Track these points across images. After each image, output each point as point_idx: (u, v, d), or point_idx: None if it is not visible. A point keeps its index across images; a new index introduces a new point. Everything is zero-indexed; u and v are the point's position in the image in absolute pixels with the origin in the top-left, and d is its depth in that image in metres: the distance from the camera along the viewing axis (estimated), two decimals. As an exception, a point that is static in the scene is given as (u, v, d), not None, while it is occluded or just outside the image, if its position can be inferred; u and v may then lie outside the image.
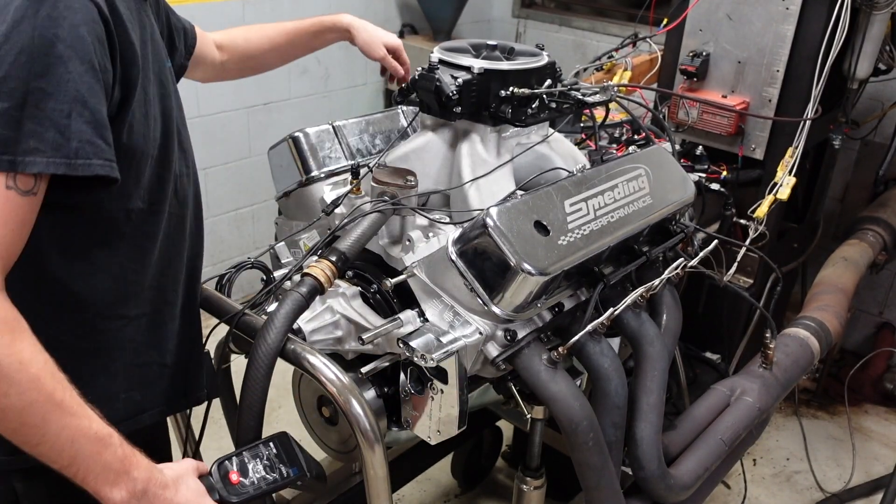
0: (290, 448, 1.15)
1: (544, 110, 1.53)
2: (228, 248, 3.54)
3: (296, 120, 3.52)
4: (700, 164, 2.12)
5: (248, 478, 1.10)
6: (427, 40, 3.81)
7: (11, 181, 0.90)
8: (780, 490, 2.72)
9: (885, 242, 2.57)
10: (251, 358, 1.18)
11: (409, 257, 1.39)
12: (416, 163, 1.50)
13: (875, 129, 3.01)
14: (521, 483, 1.79)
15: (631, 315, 1.49)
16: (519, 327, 1.35)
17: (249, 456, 1.13)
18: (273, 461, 1.13)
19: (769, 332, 1.73)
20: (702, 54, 2.21)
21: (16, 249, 0.94)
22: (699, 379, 2.30)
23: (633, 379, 1.51)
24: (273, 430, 1.18)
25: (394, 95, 1.58)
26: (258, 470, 1.12)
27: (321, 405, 1.51)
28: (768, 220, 2.07)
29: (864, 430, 3.04)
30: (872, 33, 2.17)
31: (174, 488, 0.99)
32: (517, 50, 1.58)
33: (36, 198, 0.93)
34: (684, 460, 1.58)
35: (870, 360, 3.13)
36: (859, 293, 2.72)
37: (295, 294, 1.21)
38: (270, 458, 1.13)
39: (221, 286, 1.39)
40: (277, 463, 1.13)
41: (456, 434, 1.30)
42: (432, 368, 1.25)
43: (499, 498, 2.65)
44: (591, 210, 1.38)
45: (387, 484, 1.26)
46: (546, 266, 1.25)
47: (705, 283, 2.28)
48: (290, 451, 1.15)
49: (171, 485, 0.99)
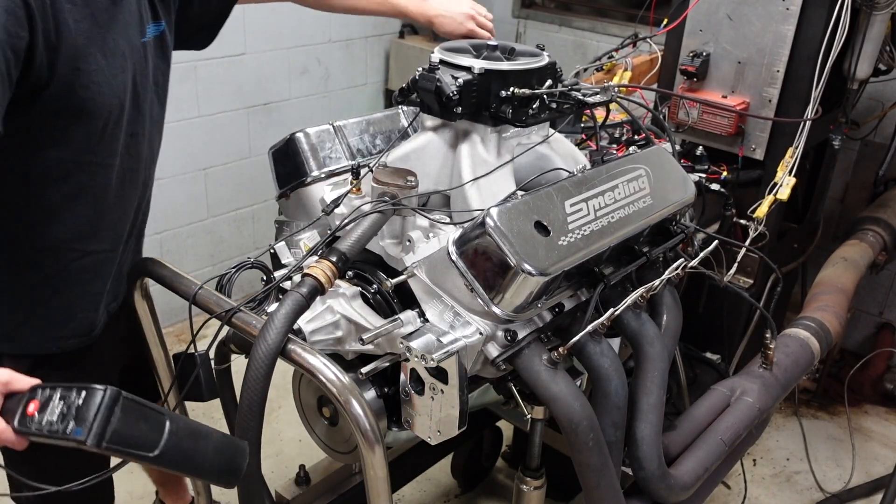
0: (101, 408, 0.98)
1: (545, 111, 1.53)
2: (228, 248, 3.54)
3: (296, 120, 3.52)
4: (700, 165, 2.12)
5: (42, 414, 0.99)
6: (427, 40, 3.81)
7: None
8: (780, 490, 2.72)
9: (885, 243, 2.57)
10: (251, 358, 1.18)
11: (409, 258, 1.39)
12: (416, 163, 1.50)
13: (875, 130, 3.01)
14: (521, 483, 1.79)
15: (631, 315, 1.49)
16: (519, 328, 1.35)
17: (61, 394, 1.00)
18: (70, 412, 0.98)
19: (769, 332, 1.73)
20: (702, 54, 2.21)
21: None
22: (699, 379, 2.30)
23: (633, 379, 1.51)
24: (273, 431, 1.18)
25: (394, 95, 1.58)
26: (54, 412, 0.99)
27: (321, 405, 1.51)
28: (768, 221, 2.07)
29: (864, 430, 3.04)
30: (872, 33, 2.17)
31: None
32: (518, 50, 1.59)
33: None
34: (684, 460, 1.58)
35: (870, 360, 3.13)
36: (859, 293, 2.72)
37: (295, 294, 1.21)
38: (72, 407, 0.99)
39: (221, 286, 1.39)
40: (72, 415, 0.98)
41: (456, 434, 1.30)
42: (432, 369, 1.25)
43: (499, 498, 2.65)
44: (592, 210, 1.38)
45: (387, 484, 1.26)
46: (546, 266, 1.25)
47: (705, 283, 2.28)
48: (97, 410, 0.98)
49: None
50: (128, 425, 0.99)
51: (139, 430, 1.00)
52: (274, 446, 2.76)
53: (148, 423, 1.02)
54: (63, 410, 0.98)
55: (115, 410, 0.98)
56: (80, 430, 0.96)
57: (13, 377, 1.02)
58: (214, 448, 1.07)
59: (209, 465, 1.07)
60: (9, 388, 1.01)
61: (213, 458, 1.07)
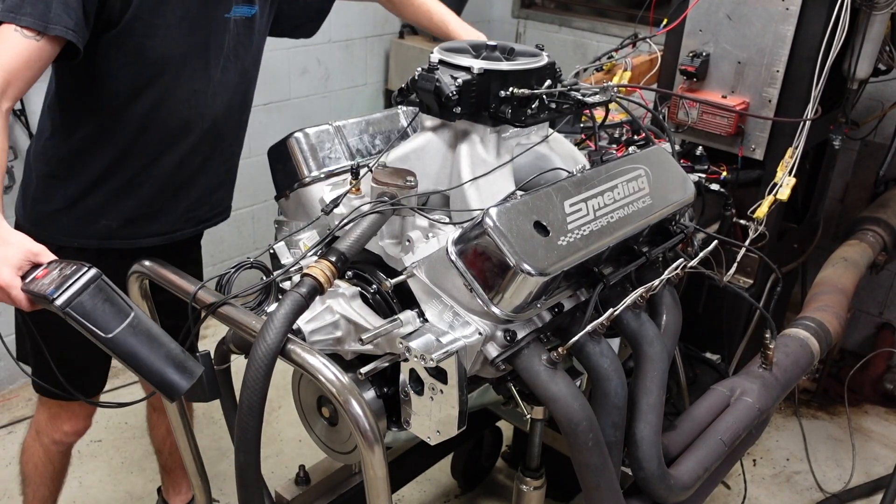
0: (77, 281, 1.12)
1: (544, 111, 1.53)
2: (228, 248, 3.54)
3: (296, 120, 3.52)
4: (700, 165, 2.12)
5: (42, 280, 1.15)
6: (427, 41, 3.81)
7: (17, 28, 1.38)
8: (780, 490, 2.72)
9: (885, 243, 2.57)
10: (251, 358, 1.18)
11: (408, 258, 1.39)
12: (415, 163, 1.50)
13: (875, 130, 3.01)
14: (521, 483, 1.79)
15: (631, 315, 1.49)
16: (519, 328, 1.35)
17: (61, 267, 1.16)
18: (58, 280, 1.13)
19: (769, 332, 1.73)
20: (702, 54, 2.21)
21: (21, 81, 1.39)
22: (699, 379, 2.30)
23: (632, 379, 1.51)
24: (273, 431, 1.18)
25: (394, 96, 1.58)
26: (50, 279, 1.14)
27: (321, 405, 1.51)
28: (768, 221, 2.07)
29: (864, 430, 3.04)
30: (872, 33, 2.17)
31: None
32: (517, 50, 1.58)
33: (39, 45, 1.39)
34: (684, 461, 1.58)
35: (870, 360, 3.13)
36: (859, 293, 2.72)
37: (295, 294, 1.21)
38: (61, 276, 1.14)
39: (221, 286, 1.39)
40: (57, 282, 1.13)
41: (456, 434, 1.30)
42: (432, 369, 1.25)
43: (499, 498, 2.65)
44: (591, 210, 1.38)
45: (387, 484, 1.26)
46: (546, 266, 1.25)
47: (705, 283, 2.28)
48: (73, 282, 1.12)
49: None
50: (95, 304, 1.12)
51: (103, 312, 1.13)
52: (274, 446, 2.76)
53: (113, 309, 1.14)
54: (55, 277, 1.14)
55: (89, 287, 1.12)
56: (53, 290, 1.12)
57: (42, 251, 1.22)
58: (166, 357, 1.17)
59: (154, 370, 1.16)
60: (36, 258, 1.21)
61: (160, 365, 1.16)
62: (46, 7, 1.39)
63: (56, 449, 1.99)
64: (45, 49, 1.41)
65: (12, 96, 1.39)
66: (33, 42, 1.39)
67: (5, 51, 1.38)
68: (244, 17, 1.70)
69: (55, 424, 1.95)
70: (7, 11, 1.40)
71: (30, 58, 1.40)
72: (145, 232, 1.76)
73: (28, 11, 1.39)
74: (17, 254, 1.21)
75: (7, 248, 1.21)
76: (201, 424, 2.76)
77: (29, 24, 1.38)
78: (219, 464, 2.64)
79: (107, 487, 2.61)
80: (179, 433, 1.81)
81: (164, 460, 2.32)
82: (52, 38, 1.41)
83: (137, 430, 2.81)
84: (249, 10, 1.71)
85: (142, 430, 2.32)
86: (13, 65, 1.37)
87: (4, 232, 1.23)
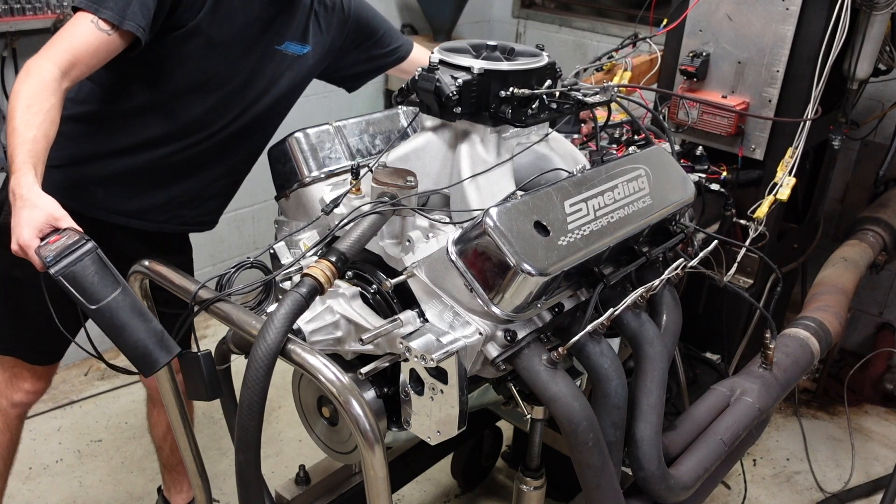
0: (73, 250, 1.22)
1: (544, 111, 1.53)
2: (228, 248, 3.54)
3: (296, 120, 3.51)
4: (700, 165, 2.12)
5: (52, 246, 1.24)
6: (427, 41, 3.81)
7: (94, 20, 1.47)
8: (780, 490, 2.72)
9: (885, 243, 2.57)
10: (251, 358, 1.18)
11: (409, 258, 1.39)
12: (415, 163, 1.50)
13: (875, 130, 3.02)
14: (521, 483, 1.79)
15: (631, 315, 1.49)
16: (519, 328, 1.35)
17: (68, 236, 1.25)
18: (60, 248, 1.23)
19: (769, 332, 1.73)
20: (702, 54, 2.21)
21: (83, 66, 1.47)
22: (699, 379, 2.30)
23: (632, 379, 1.51)
24: (273, 431, 1.19)
25: (394, 96, 1.58)
26: (57, 245, 1.23)
27: (321, 405, 1.51)
28: (768, 221, 2.07)
29: (864, 430, 3.04)
30: (872, 33, 2.17)
31: (22, 205, 1.29)
32: (517, 50, 1.58)
33: (109, 39, 1.48)
34: (684, 461, 1.58)
35: (870, 360, 3.13)
36: (859, 294, 2.72)
37: (295, 294, 1.21)
38: (63, 245, 1.23)
39: (221, 286, 1.39)
40: (57, 250, 1.22)
41: (456, 434, 1.30)
42: (432, 369, 1.25)
43: (499, 498, 2.65)
44: (591, 210, 1.38)
45: (387, 484, 1.26)
46: (546, 266, 1.25)
47: (705, 283, 2.28)
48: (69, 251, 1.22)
49: (23, 202, 1.29)
50: (86, 274, 1.21)
51: (92, 283, 1.21)
52: (274, 446, 2.76)
53: (103, 282, 1.22)
54: (59, 246, 1.23)
55: (83, 258, 1.21)
56: (50, 258, 1.22)
57: (64, 217, 1.30)
58: (146, 332, 1.23)
59: (132, 343, 1.22)
60: (57, 223, 1.29)
61: (138, 340, 1.23)
62: (126, 4, 1.48)
63: (14, 413, 1.99)
64: (114, 42, 1.50)
65: (74, 77, 1.47)
66: (105, 34, 1.48)
67: (78, 36, 1.47)
68: (294, 55, 1.78)
69: (15, 384, 1.95)
70: (90, 1, 1.48)
71: (98, 48, 1.48)
72: (129, 210, 1.78)
73: (110, 5, 1.48)
74: (41, 217, 1.28)
75: (34, 211, 1.29)
76: (201, 424, 2.76)
77: (107, 17, 1.47)
78: (219, 463, 2.64)
79: (107, 487, 2.61)
80: (179, 432, 1.81)
81: (165, 457, 2.32)
82: (123, 33, 1.49)
83: (137, 429, 2.82)
84: (301, 48, 1.79)
85: (142, 430, 2.32)
86: (81, 50, 1.46)
87: (35, 196, 1.30)
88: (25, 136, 1.36)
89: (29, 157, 1.35)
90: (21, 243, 1.27)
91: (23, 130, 1.36)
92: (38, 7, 2.57)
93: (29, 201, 1.30)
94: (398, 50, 2.05)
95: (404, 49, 2.06)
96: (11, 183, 1.33)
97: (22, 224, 1.28)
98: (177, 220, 1.85)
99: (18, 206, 1.30)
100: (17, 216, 1.30)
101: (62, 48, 1.46)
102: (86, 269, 1.22)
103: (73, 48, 1.46)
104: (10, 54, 2.61)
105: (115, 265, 1.26)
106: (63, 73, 1.44)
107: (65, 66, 1.44)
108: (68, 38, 1.47)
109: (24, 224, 1.28)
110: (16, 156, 1.35)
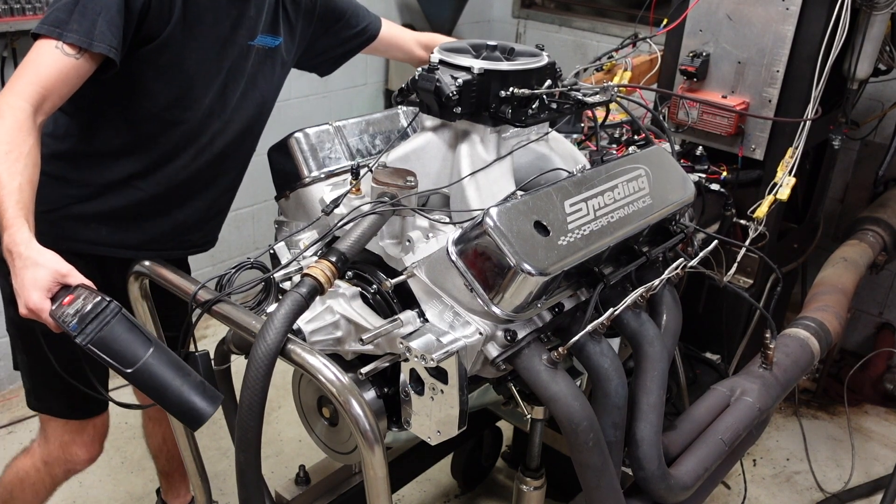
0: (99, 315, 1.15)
1: (544, 111, 1.53)
2: (228, 248, 3.54)
3: (296, 120, 3.51)
4: (700, 165, 2.12)
5: (68, 307, 1.18)
6: (427, 40, 3.81)
7: (59, 45, 1.37)
8: (780, 490, 2.72)
9: (884, 243, 2.57)
10: (251, 358, 1.18)
11: (409, 258, 1.39)
12: (415, 163, 1.50)
13: (875, 130, 3.01)
14: (521, 483, 1.79)
15: (631, 315, 1.49)
16: (519, 327, 1.35)
17: (84, 296, 1.18)
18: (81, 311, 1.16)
19: (769, 332, 1.73)
20: (702, 54, 2.21)
21: (56, 97, 1.38)
22: (699, 379, 2.30)
23: (633, 379, 1.51)
24: (273, 431, 1.18)
25: (394, 96, 1.58)
26: (74, 308, 1.18)
27: (321, 406, 1.51)
28: (768, 221, 2.07)
29: (864, 430, 3.04)
30: (872, 33, 2.17)
31: (23, 265, 1.22)
32: (517, 50, 1.58)
33: (78, 63, 1.38)
34: (684, 460, 1.58)
35: (870, 360, 3.13)
36: (859, 294, 2.72)
37: (295, 294, 1.21)
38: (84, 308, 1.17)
39: (221, 286, 1.39)
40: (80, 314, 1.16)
41: (456, 434, 1.30)
42: (432, 369, 1.25)
43: (499, 498, 2.65)
44: (591, 210, 1.38)
45: (387, 484, 1.26)
46: (546, 266, 1.25)
47: (705, 283, 2.28)
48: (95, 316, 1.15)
49: (23, 261, 1.22)
50: (116, 338, 1.15)
51: (124, 346, 1.15)
52: (274, 446, 2.76)
53: (134, 343, 1.16)
54: (78, 308, 1.17)
55: (110, 322, 1.15)
56: (76, 326, 1.15)
57: (70, 272, 1.23)
58: (188, 385, 1.18)
59: (176, 399, 1.18)
60: (65, 279, 1.22)
61: (181, 396, 1.18)
62: (92, 24, 1.37)
63: (65, 477, 1.91)
64: (85, 66, 1.39)
65: (47, 110, 1.37)
66: (73, 59, 1.37)
67: (44, 66, 1.36)
68: (267, 48, 1.69)
69: (70, 452, 1.85)
70: (51, 26, 1.37)
71: (68, 74, 1.37)
72: (135, 243, 1.69)
73: (74, 28, 1.36)
74: (47, 276, 1.21)
75: (37, 270, 1.20)
76: (201, 424, 2.75)
77: (74, 41, 1.36)
78: (219, 464, 2.64)
79: (107, 487, 2.61)
80: (179, 433, 1.82)
81: (162, 465, 2.32)
82: (93, 55, 1.39)
83: (137, 430, 2.80)
84: (273, 40, 1.70)
85: (141, 431, 2.32)
86: (51, 81, 1.35)
87: (35, 253, 1.22)
88: (10, 187, 1.26)
89: (19, 211, 1.25)
90: (32, 308, 1.20)
91: (7, 180, 1.26)
92: (38, 7, 2.57)
93: (30, 260, 1.21)
94: (367, 29, 1.95)
95: (373, 27, 1.96)
96: (5, 241, 1.24)
97: (27, 287, 1.20)
98: (184, 245, 1.78)
99: (19, 267, 1.22)
100: (19, 278, 1.21)
101: (29, 81, 1.35)
102: (114, 332, 1.16)
103: (42, 80, 1.35)
104: (10, 54, 2.61)
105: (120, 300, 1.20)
106: (35, 108, 1.34)
107: (36, 101, 1.34)
108: (34, 69, 1.36)
109: (31, 287, 1.20)
110: (5, 210, 1.24)
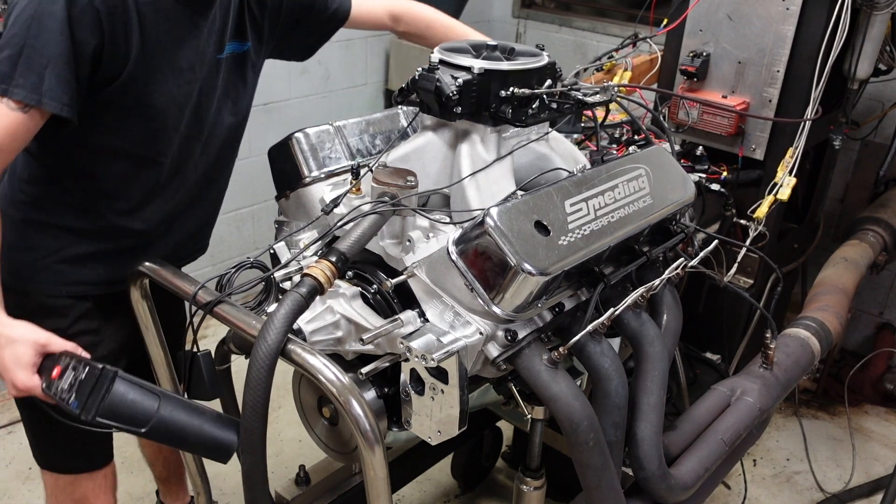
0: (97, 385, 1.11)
1: (544, 110, 1.52)
2: (228, 248, 3.54)
3: (296, 120, 3.52)
4: (700, 165, 2.12)
5: (59, 381, 1.14)
6: (427, 40, 3.81)
7: (5, 101, 1.27)
8: (780, 490, 2.72)
9: (885, 243, 2.57)
10: (252, 358, 1.18)
11: (409, 258, 1.39)
12: (416, 163, 1.50)
13: (875, 130, 3.02)
14: (521, 483, 1.79)
15: (631, 315, 1.49)
16: (519, 327, 1.35)
17: (73, 365, 1.14)
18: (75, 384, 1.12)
19: (769, 332, 1.73)
20: (702, 54, 2.21)
21: (7, 152, 1.30)
22: (699, 379, 2.30)
23: (633, 379, 1.51)
24: (273, 431, 1.18)
25: (394, 96, 1.58)
26: (66, 381, 1.13)
27: (321, 405, 1.51)
28: (768, 221, 2.07)
29: (864, 430, 3.04)
30: (873, 33, 2.17)
31: (2, 345, 1.16)
32: (517, 50, 1.58)
33: (25, 117, 1.28)
34: (685, 460, 1.58)
35: (870, 360, 3.13)
36: (859, 293, 2.72)
37: (295, 294, 1.21)
38: (77, 380, 1.12)
39: (221, 286, 1.39)
40: (75, 388, 1.11)
41: (456, 434, 1.30)
42: (433, 369, 1.25)
43: (499, 498, 2.65)
44: (592, 210, 1.38)
45: (387, 484, 1.26)
46: (546, 266, 1.25)
47: (705, 283, 2.28)
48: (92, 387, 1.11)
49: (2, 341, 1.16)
50: (120, 402, 1.12)
51: (130, 407, 1.12)
52: (274, 446, 2.76)
53: (141, 401, 1.13)
54: (71, 381, 1.12)
55: (109, 388, 1.11)
56: (76, 402, 1.10)
57: (50, 340, 1.18)
58: (206, 425, 1.18)
59: (200, 441, 1.17)
60: (46, 349, 1.18)
61: (202, 436, 1.17)
62: (39, 79, 1.27)
63: None
64: (34, 119, 1.30)
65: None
66: (20, 114, 1.28)
67: None
68: (236, 54, 1.63)
69: None
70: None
71: (16, 130, 1.29)
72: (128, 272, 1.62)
73: (20, 83, 1.27)
74: (28, 351, 1.17)
75: (16, 347, 1.16)
76: (201, 424, 2.75)
77: (20, 98, 1.27)
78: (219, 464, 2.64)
79: (107, 487, 2.61)
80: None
81: (159, 472, 2.31)
82: (43, 112, 1.30)
83: (137, 430, 2.81)
84: (241, 46, 1.63)
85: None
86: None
87: (7, 329, 1.17)
88: None
89: None
90: (21, 388, 1.16)
91: None
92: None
93: (3, 338, 1.16)
94: (338, 11, 1.86)
95: (343, 7, 1.86)
96: None
97: (10, 369, 1.16)
98: (176, 259, 1.71)
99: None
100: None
101: None
102: (118, 397, 1.12)
103: None
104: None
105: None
106: None
107: None
108: None
109: (13, 367, 1.15)
110: None
